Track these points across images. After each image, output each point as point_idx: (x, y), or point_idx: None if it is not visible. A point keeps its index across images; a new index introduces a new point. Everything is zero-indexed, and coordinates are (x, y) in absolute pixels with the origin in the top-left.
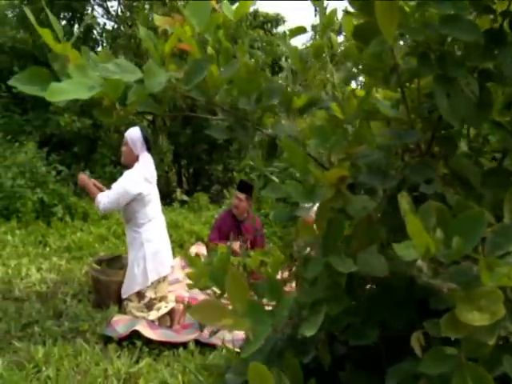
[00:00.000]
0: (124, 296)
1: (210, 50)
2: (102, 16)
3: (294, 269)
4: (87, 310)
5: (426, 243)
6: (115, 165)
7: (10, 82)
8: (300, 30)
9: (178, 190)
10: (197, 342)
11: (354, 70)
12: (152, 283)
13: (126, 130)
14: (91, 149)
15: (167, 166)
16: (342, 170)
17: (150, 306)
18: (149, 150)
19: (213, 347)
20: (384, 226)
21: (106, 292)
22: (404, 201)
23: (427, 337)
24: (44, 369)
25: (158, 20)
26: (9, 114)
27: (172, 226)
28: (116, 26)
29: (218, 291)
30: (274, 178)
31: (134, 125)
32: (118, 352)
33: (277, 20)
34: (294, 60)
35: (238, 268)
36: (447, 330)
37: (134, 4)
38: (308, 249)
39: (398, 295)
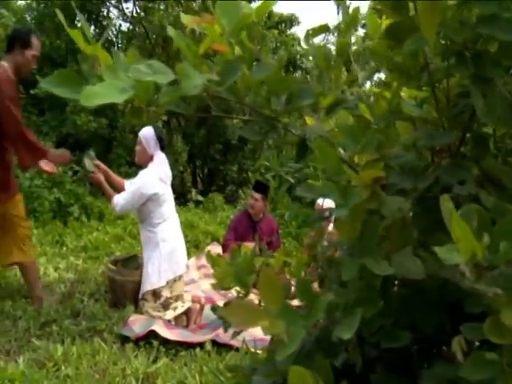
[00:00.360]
0: (140, 296)
1: (237, 50)
2: (118, 17)
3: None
4: (104, 310)
5: (471, 248)
6: (130, 165)
7: (41, 85)
8: (322, 29)
9: (193, 190)
10: (213, 342)
11: (376, 68)
12: (167, 282)
13: (140, 131)
14: (107, 149)
15: (182, 166)
16: (377, 171)
17: (166, 306)
18: (162, 149)
19: (229, 348)
20: (414, 227)
21: (121, 292)
22: (447, 203)
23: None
24: (63, 368)
25: (186, 19)
26: (26, 115)
27: (187, 226)
28: (131, 28)
29: (243, 292)
30: (289, 178)
31: (147, 125)
32: (136, 352)
33: (291, 20)
34: (318, 59)
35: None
36: (491, 335)
37: (149, 5)
38: (332, 250)
39: (429, 297)
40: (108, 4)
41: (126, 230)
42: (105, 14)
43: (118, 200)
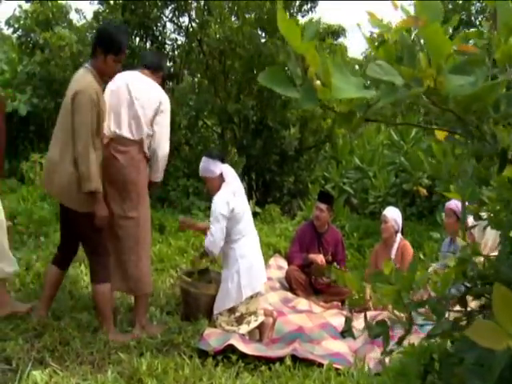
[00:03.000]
0: (216, 312)
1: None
2: (174, 32)
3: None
4: (178, 323)
5: None
6: (188, 177)
7: (259, 79)
8: None
9: (251, 202)
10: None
11: None
12: (245, 299)
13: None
14: None
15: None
16: None
17: (239, 320)
18: (223, 160)
19: (309, 362)
20: None
21: (195, 304)
22: None
23: None
24: (149, 382)
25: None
26: None
27: None
28: (187, 42)
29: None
30: (348, 188)
31: (203, 138)
32: (217, 367)
33: (338, 31)
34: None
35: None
36: None
37: (204, 18)
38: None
39: None
40: (165, 19)
41: (188, 243)
42: (161, 28)
43: (210, 243)
